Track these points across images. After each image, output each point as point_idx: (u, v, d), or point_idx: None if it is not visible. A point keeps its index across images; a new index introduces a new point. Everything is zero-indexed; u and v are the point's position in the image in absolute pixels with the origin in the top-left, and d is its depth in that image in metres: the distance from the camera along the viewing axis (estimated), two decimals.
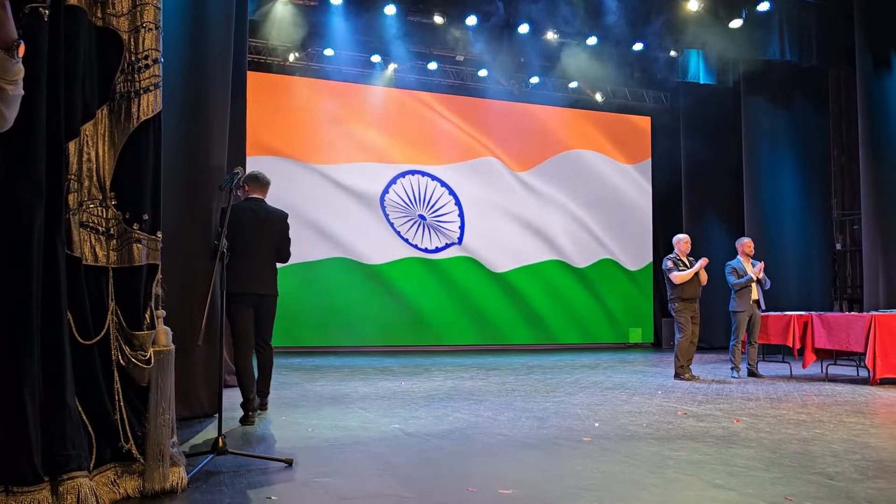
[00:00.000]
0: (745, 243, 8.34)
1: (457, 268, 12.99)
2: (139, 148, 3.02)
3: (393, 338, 12.42)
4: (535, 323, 13.40)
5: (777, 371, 8.69)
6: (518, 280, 13.36)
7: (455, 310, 12.88)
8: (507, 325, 13.21)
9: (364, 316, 12.26)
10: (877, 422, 4.95)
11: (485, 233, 13.23)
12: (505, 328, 13.20)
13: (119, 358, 2.96)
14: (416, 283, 12.67)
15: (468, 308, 12.96)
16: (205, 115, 5.11)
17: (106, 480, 2.89)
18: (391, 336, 12.42)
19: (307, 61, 12.18)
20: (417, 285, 12.68)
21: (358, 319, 12.22)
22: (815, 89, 12.64)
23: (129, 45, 3.03)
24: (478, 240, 13.17)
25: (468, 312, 12.96)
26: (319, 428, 4.57)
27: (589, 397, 6.16)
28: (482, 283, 13.09)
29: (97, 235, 2.95)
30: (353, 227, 12.35)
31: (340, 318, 12.12)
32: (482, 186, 13.29)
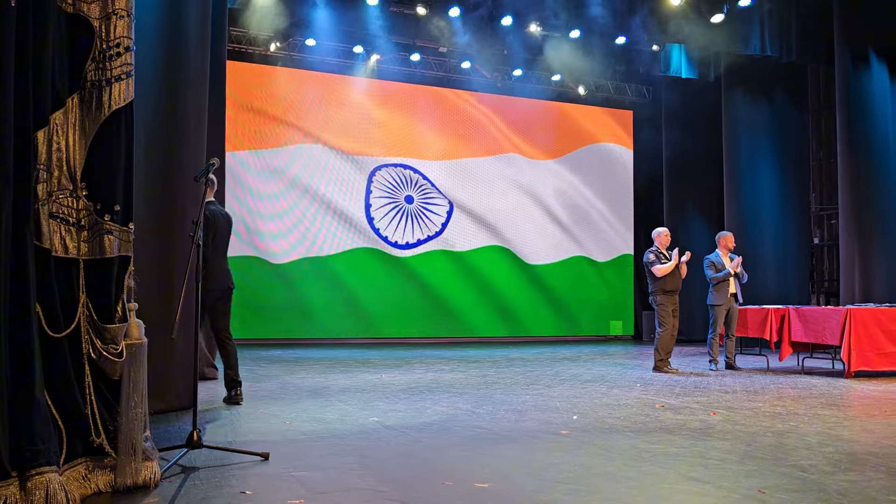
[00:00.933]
0: (726, 237, 8.39)
1: (437, 261, 12.98)
2: (111, 138, 2.96)
3: (374, 330, 12.40)
4: (516, 316, 13.44)
5: (754, 364, 8.77)
6: (500, 273, 13.37)
7: (437, 303, 12.89)
8: (488, 319, 13.23)
9: (346, 308, 12.23)
10: (850, 414, 5.00)
11: (466, 224, 13.22)
12: (486, 321, 13.22)
13: (90, 351, 2.92)
14: (399, 276, 12.65)
15: (450, 301, 12.97)
16: (181, 105, 5.04)
17: (77, 475, 2.85)
18: (373, 328, 12.40)
19: (289, 51, 12.08)
20: (401, 279, 12.65)
21: (340, 311, 12.19)
22: (795, 85, 12.74)
23: (100, 32, 2.97)
24: (459, 231, 13.16)
25: (450, 306, 12.97)
26: (297, 421, 4.54)
27: (568, 390, 6.18)
28: (464, 277, 13.10)
29: (67, 227, 2.90)
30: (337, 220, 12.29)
31: (323, 310, 12.08)
32: (466, 180, 13.27)
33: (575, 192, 14.06)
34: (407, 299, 12.68)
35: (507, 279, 13.41)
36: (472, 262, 13.20)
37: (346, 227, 12.37)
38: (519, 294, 13.48)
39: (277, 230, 11.84)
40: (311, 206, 12.16)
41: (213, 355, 6.65)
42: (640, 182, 14.53)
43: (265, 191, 11.85)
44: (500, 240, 13.39)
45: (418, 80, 12.97)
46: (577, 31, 11.38)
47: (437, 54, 12.65)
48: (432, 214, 12.99)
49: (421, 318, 12.76)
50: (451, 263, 13.05)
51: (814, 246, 13.83)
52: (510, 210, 13.53)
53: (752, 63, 11.79)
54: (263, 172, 11.89)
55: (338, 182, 12.38)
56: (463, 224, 13.19)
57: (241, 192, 11.56)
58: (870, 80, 10.27)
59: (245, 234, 11.56)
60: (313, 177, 12.21)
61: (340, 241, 12.33)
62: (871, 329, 7.31)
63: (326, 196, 12.27)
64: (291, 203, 12.02)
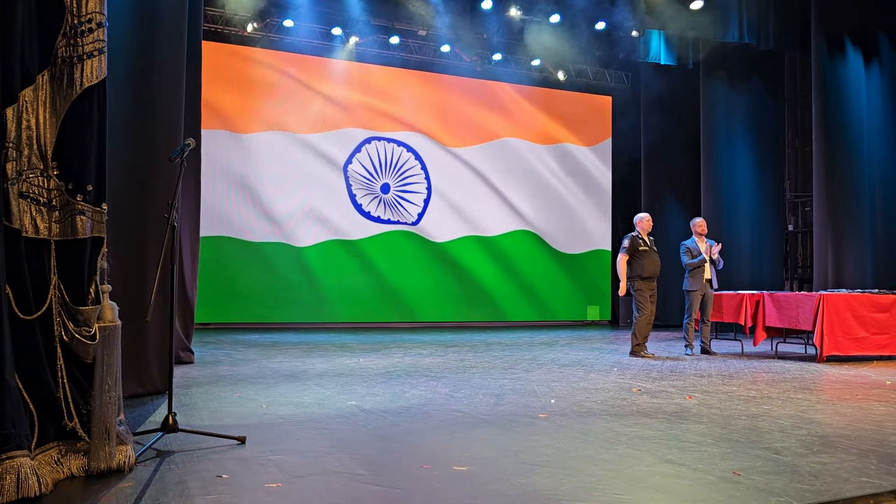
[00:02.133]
0: (698, 223, 8.47)
1: (417, 243, 12.95)
2: (83, 116, 2.89)
3: (353, 314, 12.37)
4: (494, 300, 13.48)
5: (729, 349, 8.89)
6: (477, 257, 13.39)
7: (416, 286, 12.87)
8: (465, 303, 13.25)
9: (324, 292, 12.17)
10: (823, 398, 5.09)
11: (445, 207, 13.20)
12: (464, 305, 13.24)
13: (62, 334, 2.86)
14: (378, 258, 12.61)
15: (429, 285, 12.96)
16: (156, 84, 4.94)
17: (49, 460, 2.80)
18: (351, 312, 12.36)
19: (266, 32, 11.91)
20: (379, 260, 12.62)
21: (318, 295, 12.13)
22: (772, 73, 12.83)
23: (71, 7, 2.89)
24: (439, 215, 13.14)
25: (429, 289, 12.97)
26: (275, 405, 4.51)
27: (546, 374, 6.21)
28: (441, 260, 13.09)
29: (38, 207, 2.83)
30: (315, 201, 12.20)
31: (299, 293, 12.02)
32: (446, 156, 13.23)
33: (552, 177, 14.08)
34: (388, 284, 12.64)
35: (484, 265, 13.41)
36: (450, 249, 13.18)
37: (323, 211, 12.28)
38: (496, 280, 13.50)
39: (253, 212, 11.72)
40: (284, 190, 12.04)
41: (188, 338, 6.58)
42: (619, 168, 14.59)
43: (239, 172, 11.71)
44: (475, 227, 13.37)
45: (397, 63, 12.86)
46: (557, 16, 11.34)
47: (417, 37, 12.55)
48: (408, 204, 12.93)
49: (402, 303, 12.74)
50: (428, 250, 13.02)
51: (788, 232, 14.01)
52: (483, 196, 13.51)
53: (730, 50, 11.85)
54: (238, 154, 11.75)
55: (314, 165, 12.27)
56: (440, 211, 13.15)
57: (216, 173, 11.42)
58: (845, 68, 10.38)
59: (218, 215, 11.43)
60: (289, 160, 12.09)
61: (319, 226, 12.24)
62: (843, 314, 7.43)
63: (301, 179, 12.16)
64: (267, 185, 11.89)
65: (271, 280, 11.82)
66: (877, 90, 10.56)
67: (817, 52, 10.37)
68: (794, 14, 11.08)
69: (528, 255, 13.77)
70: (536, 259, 13.85)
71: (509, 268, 13.60)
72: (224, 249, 11.48)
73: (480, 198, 13.47)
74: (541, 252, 13.90)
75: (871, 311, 7.59)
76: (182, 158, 3.56)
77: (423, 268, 12.94)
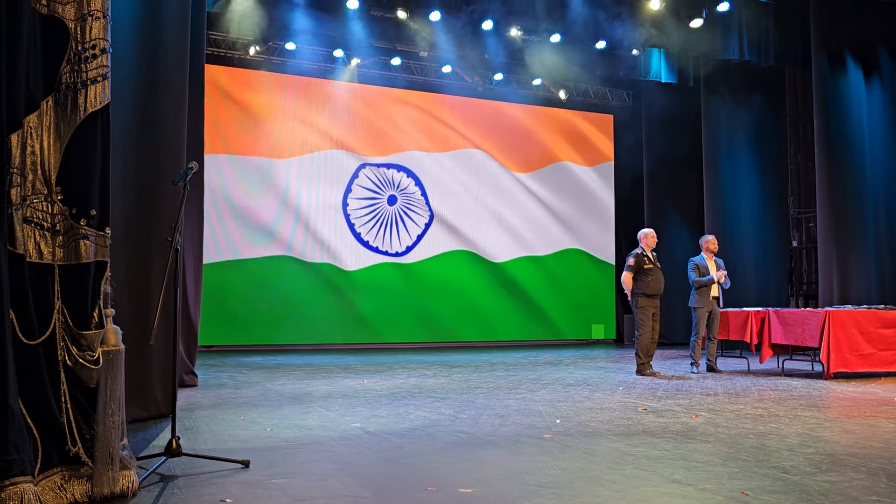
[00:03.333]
0: (710, 241, 8.44)
1: (420, 266, 12.95)
2: (86, 141, 2.91)
3: (356, 336, 12.34)
4: (498, 320, 13.44)
5: (735, 366, 8.83)
6: (481, 278, 13.37)
7: (418, 308, 12.84)
8: (470, 324, 13.21)
9: (326, 314, 12.16)
10: (830, 416, 5.05)
11: (450, 229, 13.21)
12: (468, 326, 13.20)
13: (66, 358, 2.86)
14: (380, 281, 12.60)
15: (432, 306, 12.93)
16: (159, 108, 4.98)
17: (52, 485, 2.79)
18: (354, 334, 12.33)
19: (268, 55, 12.01)
20: (382, 284, 12.61)
21: (320, 317, 12.12)
22: (773, 89, 12.87)
23: (75, 33, 2.93)
24: (446, 233, 13.14)
25: (431, 310, 12.93)
26: (279, 428, 4.49)
27: (551, 394, 6.18)
28: (447, 281, 13.07)
29: (42, 231, 2.84)
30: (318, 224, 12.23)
31: (302, 315, 12.01)
32: (447, 178, 13.26)
33: (556, 195, 14.09)
34: (393, 304, 12.62)
35: (484, 284, 13.39)
36: (450, 267, 13.17)
37: (326, 233, 12.30)
38: (499, 299, 13.47)
39: (257, 235, 11.75)
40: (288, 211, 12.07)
41: (192, 362, 6.57)
42: (621, 186, 14.61)
43: (241, 194, 11.74)
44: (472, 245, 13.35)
45: (399, 84, 12.95)
46: (558, 36, 11.42)
47: (418, 58, 12.64)
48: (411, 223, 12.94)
49: (405, 323, 12.71)
50: (434, 268, 13.01)
51: (792, 248, 13.97)
52: (485, 214, 13.52)
53: (731, 67, 11.90)
54: (241, 176, 11.79)
55: (318, 186, 12.31)
56: (441, 229, 13.15)
57: (218, 197, 11.46)
58: (846, 84, 10.40)
59: (224, 240, 11.46)
60: (291, 181, 12.13)
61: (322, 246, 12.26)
62: (849, 331, 7.39)
63: (304, 201, 12.19)
64: (268, 208, 11.93)
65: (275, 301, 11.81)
66: (878, 104, 10.58)
67: (818, 67, 10.40)
68: (795, 30, 11.14)
69: (529, 273, 13.74)
70: (539, 278, 13.81)
71: (512, 287, 13.57)
72: (225, 272, 11.48)
73: (481, 219, 13.47)
74: (543, 271, 13.87)
75: (877, 326, 7.54)
76: (185, 182, 3.58)
77: (419, 289, 12.91)
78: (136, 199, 4.71)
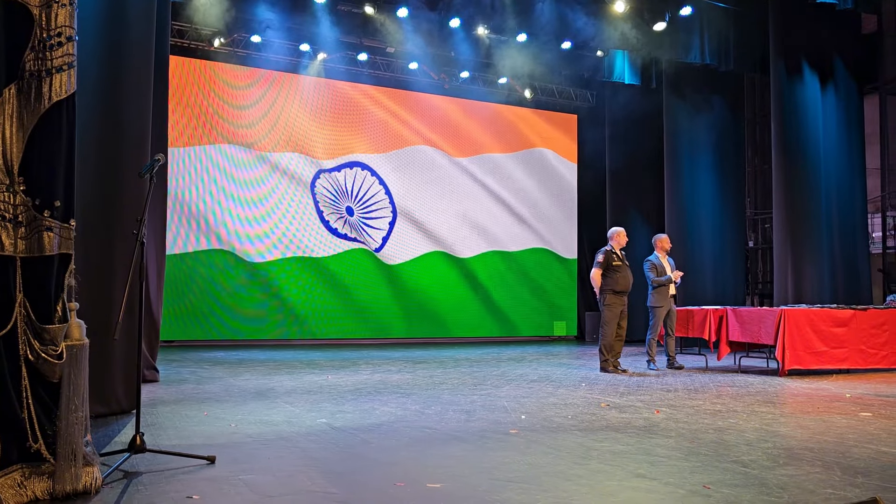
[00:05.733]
0: (663, 239, 8.58)
1: (380, 262, 12.92)
2: (51, 130, 2.84)
3: (320, 331, 12.26)
4: (461, 317, 13.49)
5: (693, 363, 9.02)
6: (444, 273, 13.40)
7: (383, 303, 12.82)
8: (432, 318, 13.24)
9: (292, 308, 12.06)
10: (786, 411, 5.20)
11: (415, 223, 13.21)
12: (431, 321, 13.22)
13: (28, 353, 2.79)
14: (345, 274, 12.54)
15: (395, 301, 12.92)
16: (124, 98, 4.88)
17: (12, 482, 2.73)
18: (318, 329, 12.25)
19: (233, 47, 11.85)
20: (347, 277, 12.55)
21: (286, 312, 12.02)
22: (732, 93, 13.15)
23: (40, 20, 2.85)
24: (404, 234, 13.14)
25: (395, 305, 12.92)
26: (243, 423, 4.45)
27: (515, 390, 6.23)
28: (412, 276, 13.07)
29: (3, 223, 2.76)
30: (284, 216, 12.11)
31: (267, 310, 11.89)
32: (412, 176, 13.26)
33: (519, 194, 14.20)
34: (354, 301, 12.58)
35: (448, 281, 13.44)
36: (416, 264, 13.18)
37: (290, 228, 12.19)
38: (461, 296, 13.53)
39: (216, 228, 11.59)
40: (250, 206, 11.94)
41: (153, 357, 6.46)
42: (584, 185, 14.78)
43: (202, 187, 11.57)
44: (438, 243, 13.39)
45: (365, 80, 12.89)
46: (524, 36, 11.50)
47: (385, 54, 12.61)
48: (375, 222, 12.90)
49: (369, 320, 12.68)
50: (391, 268, 13.00)
51: (749, 249, 14.31)
52: (451, 211, 13.56)
53: (693, 71, 12.13)
54: (204, 169, 11.62)
55: (280, 182, 12.19)
56: (406, 230, 13.14)
57: (180, 189, 11.28)
58: (803, 90, 10.68)
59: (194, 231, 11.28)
60: (254, 176, 12.00)
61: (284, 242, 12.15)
62: (803, 329, 7.61)
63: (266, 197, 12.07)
64: (231, 201, 11.78)
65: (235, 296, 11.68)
66: (832, 111, 10.89)
67: (776, 73, 10.66)
68: (754, 36, 11.40)
69: (493, 270, 13.82)
70: (502, 275, 13.91)
71: (475, 284, 13.63)
72: (188, 265, 11.31)
73: (445, 217, 13.50)
74: (506, 268, 13.97)
75: (830, 325, 7.78)
76: (152, 174, 3.52)
77: (388, 285, 12.91)
78: (99, 190, 4.61)
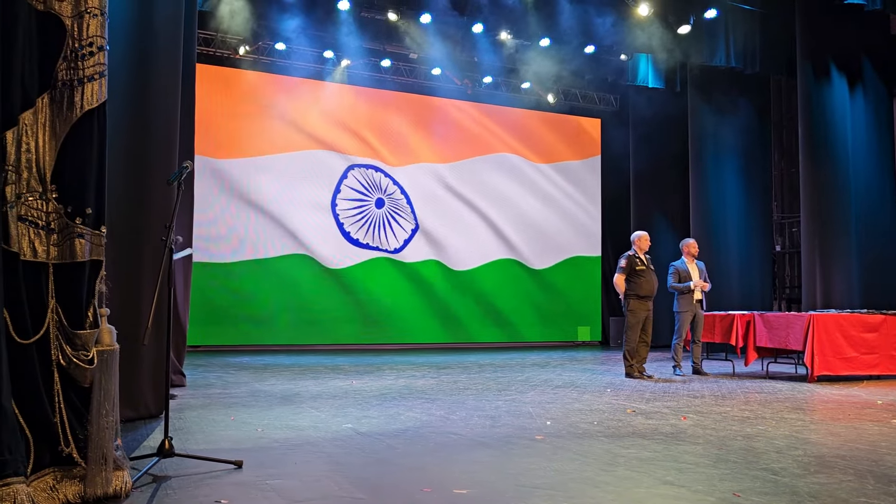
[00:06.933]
0: (690, 244, 8.49)
1: (409, 266, 12.95)
2: (82, 139, 2.89)
3: (344, 336, 12.31)
4: (483, 321, 13.47)
5: (720, 369, 8.91)
6: (469, 278, 13.39)
7: (406, 308, 12.84)
8: (456, 323, 13.23)
9: (316, 314, 12.12)
10: (816, 418, 5.11)
11: (436, 230, 13.22)
12: (454, 326, 13.22)
13: (59, 358, 2.84)
14: (369, 281, 12.58)
15: (419, 306, 12.94)
16: (152, 106, 4.95)
17: (44, 486, 2.77)
18: (342, 334, 12.30)
19: (258, 55, 11.97)
20: (371, 284, 12.59)
21: (309, 317, 12.08)
22: (759, 96, 13.01)
23: (72, 30, 2.91)
24: (431, 237, 13.15)
25: (419, 311, 12.94)
26: (270, 428, 4.48)
27: (540, 395, 6.20)
28: (435, 282, 13.08)
29: (36, 230, 2.82)
30: (305, 223, 12.19)
31: (290, 316, 11.97)
32: (436, 185, 13.28)
33: (542, 198, 14.15)
34: (382, 305, 12.62)
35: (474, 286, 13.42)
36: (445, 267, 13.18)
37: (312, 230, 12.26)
38: (487, 300, 13.50)
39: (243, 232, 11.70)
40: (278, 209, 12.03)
41: (180, 361, 6.53)
42: (608, 189, 14.70)
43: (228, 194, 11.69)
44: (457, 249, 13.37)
45: (389, 86, 12.95)
46: (547, 40, 11.48)
47: (408, 60, 12.65)
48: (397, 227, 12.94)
49: (393, 325, 12.70)
50: (422, 270, 13.02)
51: (776, 253, 14.12)
52: (474, 218, 13.54)
53: (718, 74, 12.02)
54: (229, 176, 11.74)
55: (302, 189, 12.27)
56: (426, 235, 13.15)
57: (208, 195, 11.40)
58: (830, 92, 10.53)
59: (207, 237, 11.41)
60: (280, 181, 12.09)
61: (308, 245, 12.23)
62: (832, 334, 7.48)
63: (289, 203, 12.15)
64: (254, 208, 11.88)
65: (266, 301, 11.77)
66: (861, 113, 10.72)
67: (803, 75, 10.53)
68: (781, 38, 11.27)
69: (516, 276, 13.78)
70: (525, 280, 13.86)
71: (498, 289, 13.60)
72: (214, 272, 11.42)
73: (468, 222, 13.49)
74: (529, 273, 13.91)
75: (860, 330, 7.65)
76: (180, 181, 3.56)
77: (411, 291, 12.92)
78: (128, 197, 4.68)
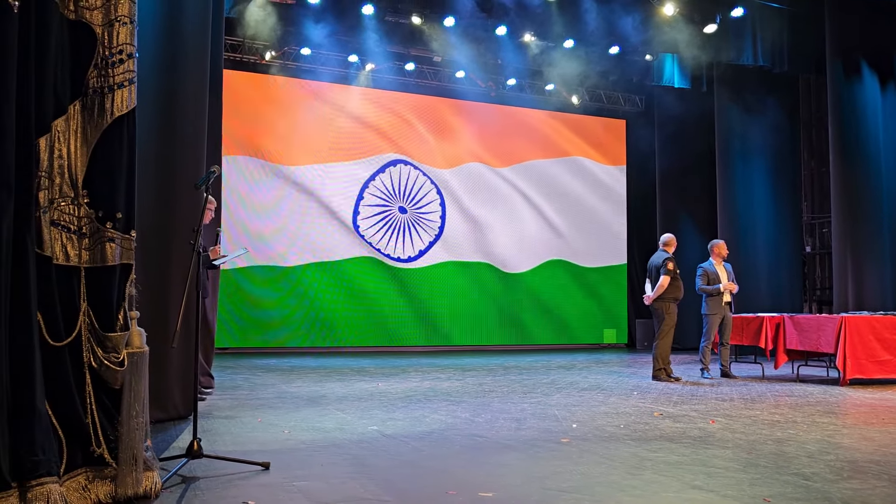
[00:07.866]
0: (720, 245, 8.37)
1: (433, 270, 12.96)
2: (113, 145, 2.94)
3: (369, 338, 12.36)
4: (510, 323, 13.44)
5: (749, 372, 8.79)
6: (494, 281, 13.37)
7: (433, 310, 12.86)
8: (482, 326, 13.22)
9: (340, 317, 12.19)
10: (848, 422, 5.02)
11: (464, 233, 13.22)
12: (480, 328, 13.21)
13: (91, 360, 2.89)
14: (392, 285, 12.62)
15: (443, 309, 12.95)
16: (180, 112, 5.02)
17: (77, 486, 2.82)
18: (367, 337, 12.35)
19: (284, 60, 12.08)
20: (393, 287, 12.62)
21: (334, 320, 12.15)
22: (787, 95, 12.84)
23: (102, 38, 2.96)
24: (457, 240, 13.16)
25: (443, 313, 12.95)
26: (296, 430, 4.51)
27: (566, 398, 6.17)
28: (459, 284, 13.09)
29: (69, 234, 2.87)
30: (328, 229, 12.27)
31: (317, 319, 12.04)
32: (462, 188, 13.29)
33: (567, 200, 14.09)
34: (406, 309, 12.65)
35: (499, 289, 13.40)
36: (471, 271, 13.18)
37: (336, 236, 12.34)
38: (512, 303, 13.48)
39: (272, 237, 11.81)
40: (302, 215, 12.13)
41: (208, 364, 6.59)
42: (633, 191, 14.59)
43: (257, 198, 11.81)
44: (487, 254, 13.36)
45: (413, 89, 12.99)
46: (571, 42, 11.43)
47: (432, 63, 12.68)
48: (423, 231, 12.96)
49: (418, 326, 12.73)
50: (447, 273, 13.03)
51: (806, 254, 13.90)
52: (498, 219, 13.53)
53: (745, 73, 11.88)
54: (258, 179, 11.86)
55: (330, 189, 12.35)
56: (453, 238, 13.17)
57: (234, 199, 11.52)
58: (861, 90, 10.36)
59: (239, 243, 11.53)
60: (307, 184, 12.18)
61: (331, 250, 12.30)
62: (865, 337, 7.34)
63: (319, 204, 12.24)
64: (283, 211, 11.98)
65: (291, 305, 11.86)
66: (892, 111, 10.53)
67: (832, 74, 10.37)
68: (809, 36, 11.10)
69: (543, 278, 13.73)
70: (553, 283, 13.81)
71: (525, 293, 13.56)
72: (241, 275, 11.54)
73: (495, 227, 13.47)
74: (556, 275, 13.86)
75: (893, 333, 7.48)
76: (207, 186, 3.61)
77: (440, 292, 12.94)
78: (157, 202, 4.75)
